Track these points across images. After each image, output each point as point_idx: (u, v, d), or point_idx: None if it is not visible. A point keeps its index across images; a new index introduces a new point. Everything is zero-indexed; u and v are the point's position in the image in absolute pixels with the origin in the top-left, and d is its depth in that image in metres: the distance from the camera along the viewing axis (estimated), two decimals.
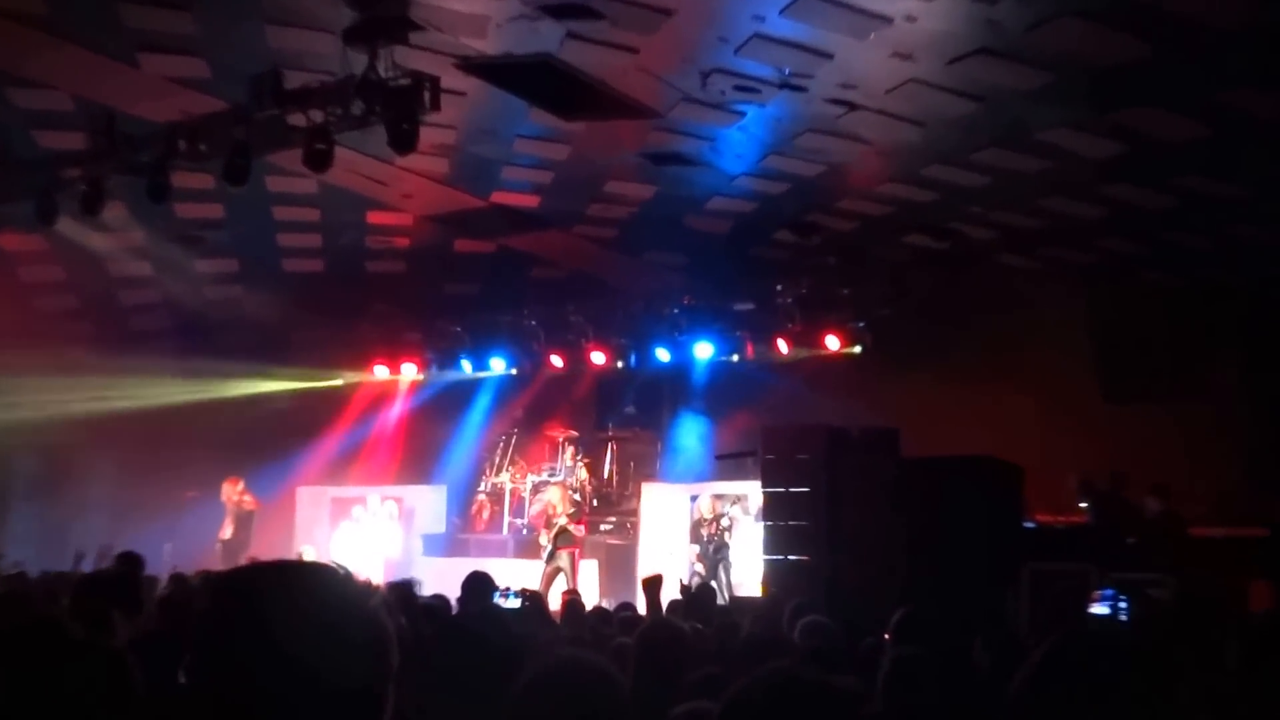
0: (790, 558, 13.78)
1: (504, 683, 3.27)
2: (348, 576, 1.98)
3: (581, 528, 17.46)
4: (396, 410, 23.41)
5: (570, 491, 18.69)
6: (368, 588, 2.02)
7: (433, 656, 3.51)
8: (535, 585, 16.69)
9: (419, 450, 23.07)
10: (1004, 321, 17.66)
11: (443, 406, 22.83)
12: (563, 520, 17.21)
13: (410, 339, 22.76)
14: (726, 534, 17.00)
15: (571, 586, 16.28)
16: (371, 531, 22.31)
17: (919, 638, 6.23)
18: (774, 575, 13.97)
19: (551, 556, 17.15)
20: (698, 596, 11.54)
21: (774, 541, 14.11)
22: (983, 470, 12.75)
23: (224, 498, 19.46)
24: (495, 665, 3.46)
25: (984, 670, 6.17)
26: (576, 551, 17.31)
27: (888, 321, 18.26)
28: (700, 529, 17.17)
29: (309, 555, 18.97)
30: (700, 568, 16.82)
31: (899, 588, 11.38)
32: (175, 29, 11.91)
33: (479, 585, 8.43)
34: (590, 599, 16.13)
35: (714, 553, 16.84)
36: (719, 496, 17.55)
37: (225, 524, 19.40)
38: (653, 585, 9.86)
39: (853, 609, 10.18)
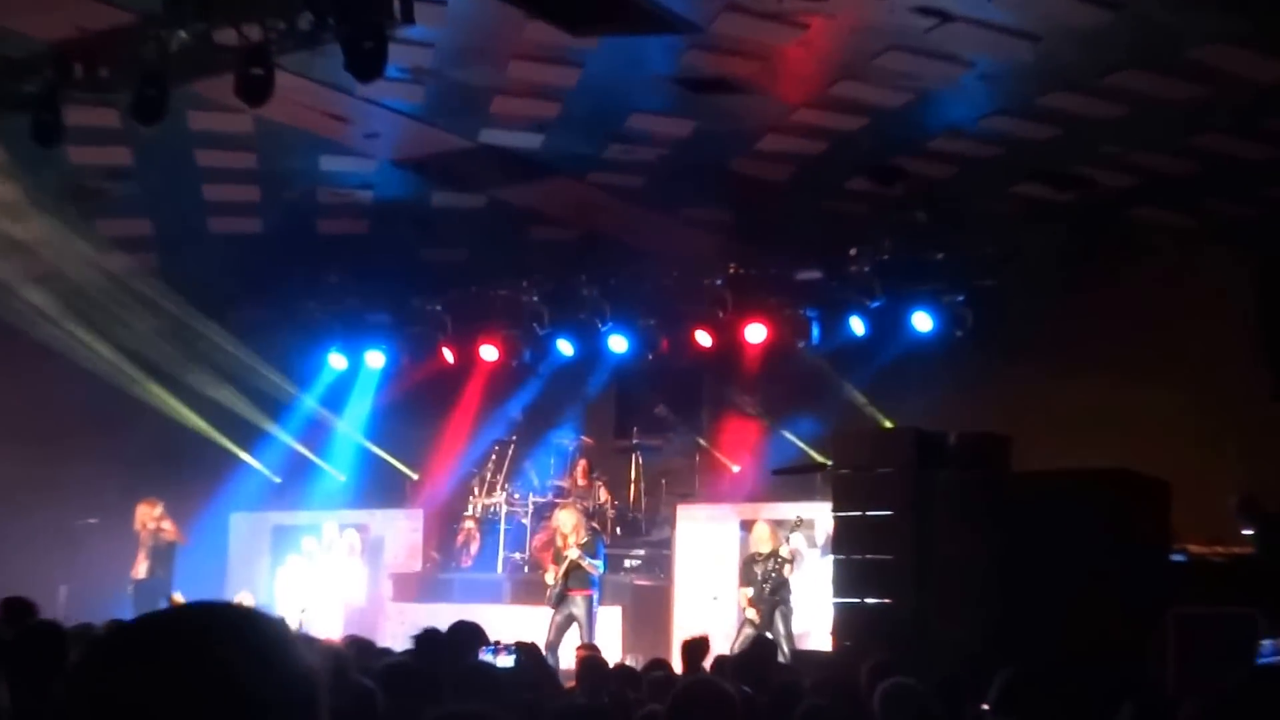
0: (868, 601, 13.81)
1: None
2: (277, 626, 2.02)
3: (601, 564, 17.47)
4: (358, 413, 23.50)
5: (586, 516, 18.69)
6: (308, 643, 2.07)
7: None
8: (538, 638, 16.77)
9: (387, 464, 23.16)
10: (1144, 295, 17.62)
11: (418, 407, 22.91)
12: (575, 553, 17.20)
13: (375, 320, 22.84)
14: (787, 568, 16.98)
15: (588, 639, 16.31)
16: (327, 570, 22.42)
17: (1031, 707, 6.26)
18: (847, 623, 14.00)
19: (561, 601, 17.16)
20: (753, 652, 11.58)
21: (847, 580, 14.13)
22: (1117, 487, 12.74)
23: (137, 525, 19.58)
24: None
25: None
26: (594, 595, 17.32)
27: (994, 295, 18.23)
28: (754, 566, 17.16)
29: (248, 602, 19.05)
30: (753, 615, 16.83)
31: (1007, 640, 11.38)
32: None
33: (465, 638, 8.51)
34: (612, 655, 16.18)
35: (770, 594, 16.85)
36: (778, 523, 17.55)
37: (139, 560, 19.52)
38: (695, 650, 9.87)
39: (949, 667, 10.20)
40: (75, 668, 1.93)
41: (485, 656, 8.69)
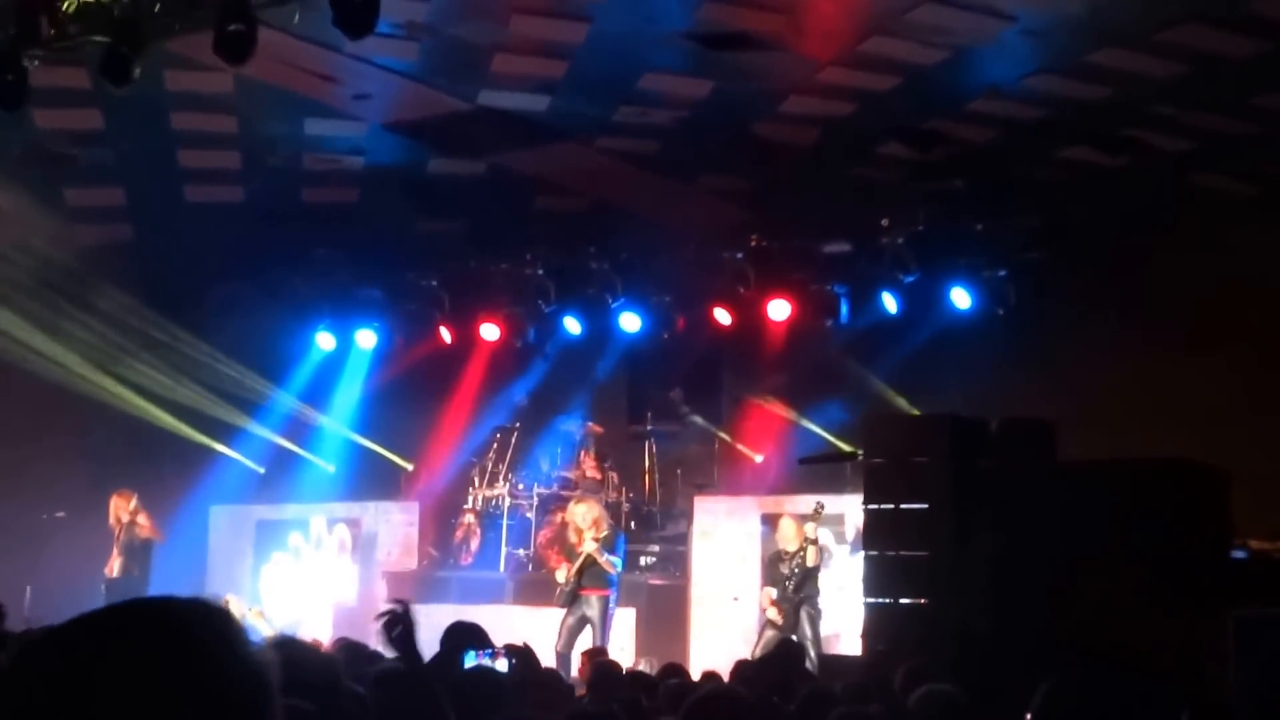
0: (902, 601, 13.81)
1: None
2: (222, 621, 2.00)
3: (619, 561, 17.43)
4: (348, 397, 23.53)
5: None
6: (286, 643, 2.06)
7: None
8: (545, 641, 16.83)
9: (380, 454, 23.17)
10: (1202, 269, 17.58)
11: (413, 391, 22.92)
12: (593, 546, 17.13)
13: (367, 296, 22.84)
14: (811, 552, 16.93)
15: (600, 644, 16.33)
16: (316, 568, 22.46)
17: (1077, 717, 6.25)
18: (879, 625, 14.00)
19: (574, 601, 17.13)
20: (776, 656, 11.62)
21: (879, 579, 14.13)
22: (1172, 477, 12.73)
23: (111, 520, 19.64)
24: None
25: None
26: (612, 596, 17.28)
27: (1039, 269, 18.22)
28: (778, 564, 17.15)
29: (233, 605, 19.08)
30: (775, 615, 16.84)
31: (1051, 643, 11.39)
32: None
33: (465, 641, 8.49)
34: (625, 659, 16.21)
35: (795, 593, 16.85)
36: (804, 517, 17.56)
37: (113, 557, 19.58)
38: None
39: (988, 673, 10.21)
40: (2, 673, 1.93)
41: (483, 661, 8.68)
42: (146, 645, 1.91)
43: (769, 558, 17.74)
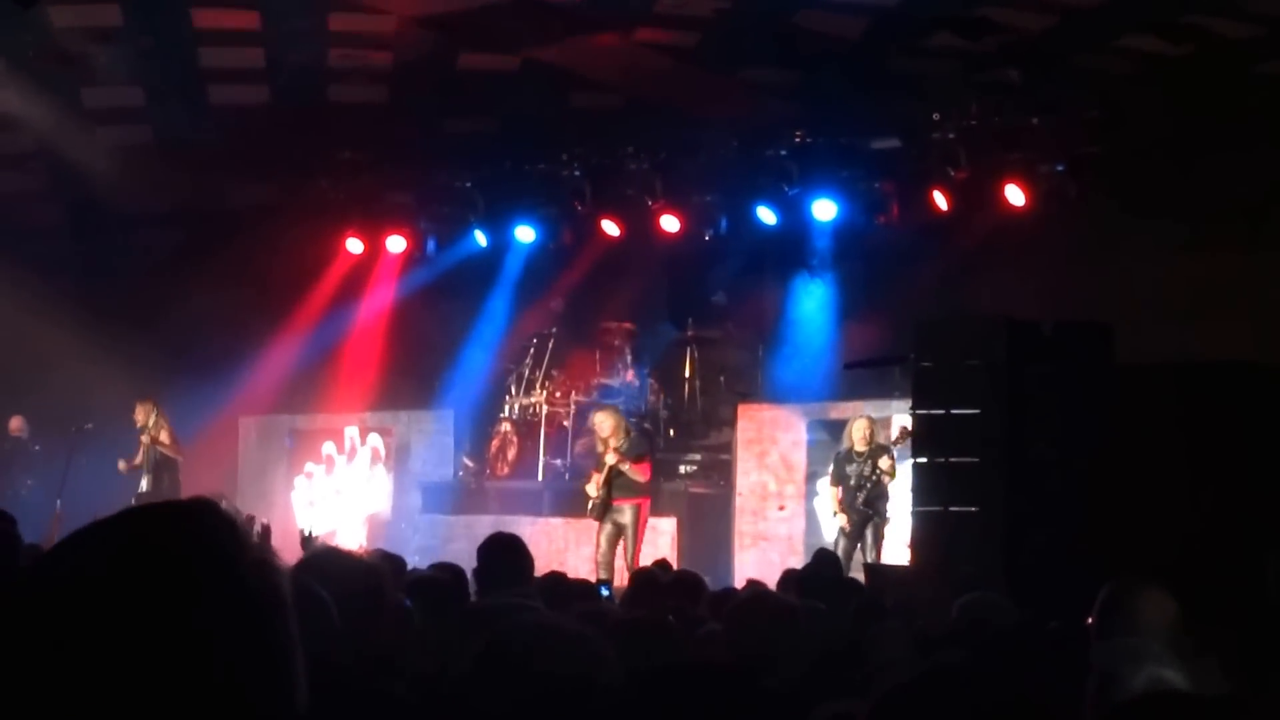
0: (951, 509, 13.84)
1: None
2: (233, 527, 1.96)
3: (643, 472, 17.59)
4: (380, 303, 23.59)
5: (628, 417, 18.79)
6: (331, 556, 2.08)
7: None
8: (584, 552, 17.08)
9: (413, 361, 23.26)
10: (1272, 161, 17.47)
11: (447, 296, 23.00)
12: (612, 458, 17.31)
13: (397, 200, 22.88)
14: (885, 479, 16.97)
15: (633, 551, 16.69)
16: (348, 480, 22.63)
17: (1133, 627, 6.30)
18: (927, 534, 14.05)
19: (606, 511, 17.32)
20: (814, 567, 11.72)
21: (928, 486, 14.13)
22: (1237, 381, 12.70)
23: (139, 428, 19.83)
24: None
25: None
26: (643, 505, 17.48)
27: (1098, 164, 18.13)
28: (846, 465, 17.14)
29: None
30: (843, 521, 16.90)
31: (1106, 553, 11.42)
32: None
33: (506, 555, 8.47)
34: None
35: (864, 505, 16.92)
36: (876, 421, 17.56)
37: (142, 471, 19.78)
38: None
39: (1041, 582, 10.26)
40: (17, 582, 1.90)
41: None
42: (150, 546, 1.88)
43: (837, 455, 17.70)
